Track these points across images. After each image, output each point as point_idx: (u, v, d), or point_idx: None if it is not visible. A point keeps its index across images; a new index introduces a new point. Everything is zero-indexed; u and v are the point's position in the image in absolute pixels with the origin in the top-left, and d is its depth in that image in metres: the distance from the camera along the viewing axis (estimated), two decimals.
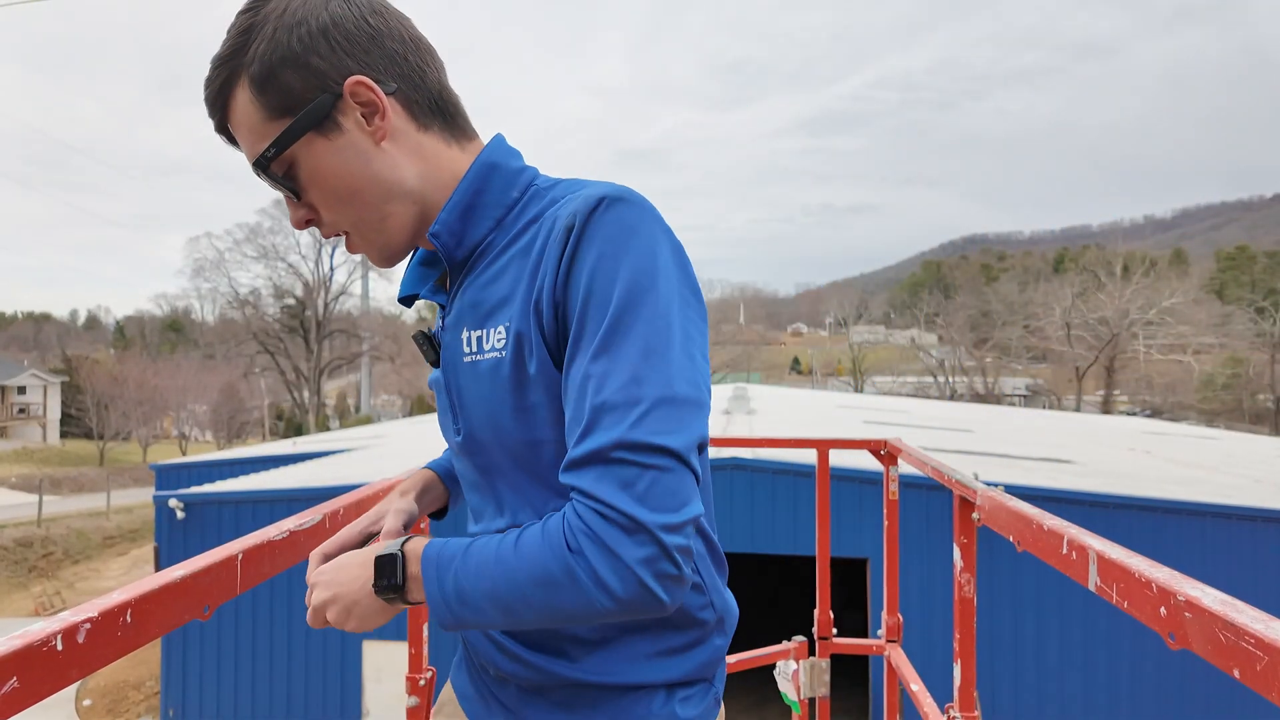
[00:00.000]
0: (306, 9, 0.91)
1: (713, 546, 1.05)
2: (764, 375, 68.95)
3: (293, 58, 0.90)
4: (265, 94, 0.91)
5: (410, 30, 0.97)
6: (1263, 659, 0.71)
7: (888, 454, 2.70)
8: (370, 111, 0.93)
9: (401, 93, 0.95)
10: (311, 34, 0.90)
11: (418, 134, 0.96)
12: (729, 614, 1.07)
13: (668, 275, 0.87)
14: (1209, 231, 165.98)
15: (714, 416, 15.47)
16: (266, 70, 0.90)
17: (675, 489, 0.81)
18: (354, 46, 0.92)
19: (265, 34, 0.91)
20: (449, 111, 1.00)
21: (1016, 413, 28.74)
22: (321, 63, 0.91)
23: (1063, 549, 1.15)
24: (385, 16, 0.94)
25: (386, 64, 0.93)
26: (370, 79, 0.92)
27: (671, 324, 0.85)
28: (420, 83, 0.96)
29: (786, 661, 2.92)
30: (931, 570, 8.81)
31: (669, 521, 0.80)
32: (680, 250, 0.92)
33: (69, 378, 52.06)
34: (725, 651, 1.07)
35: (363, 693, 9.97)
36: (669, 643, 1.00)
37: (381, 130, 0.93)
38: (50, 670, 0.79)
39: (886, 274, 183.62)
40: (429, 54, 0.98)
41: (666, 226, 0.91)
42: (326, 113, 0.91)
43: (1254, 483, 11.21)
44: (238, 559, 1.15)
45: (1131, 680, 8.76)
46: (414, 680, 2.08)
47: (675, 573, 0.81)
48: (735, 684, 10.54)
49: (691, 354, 0.86)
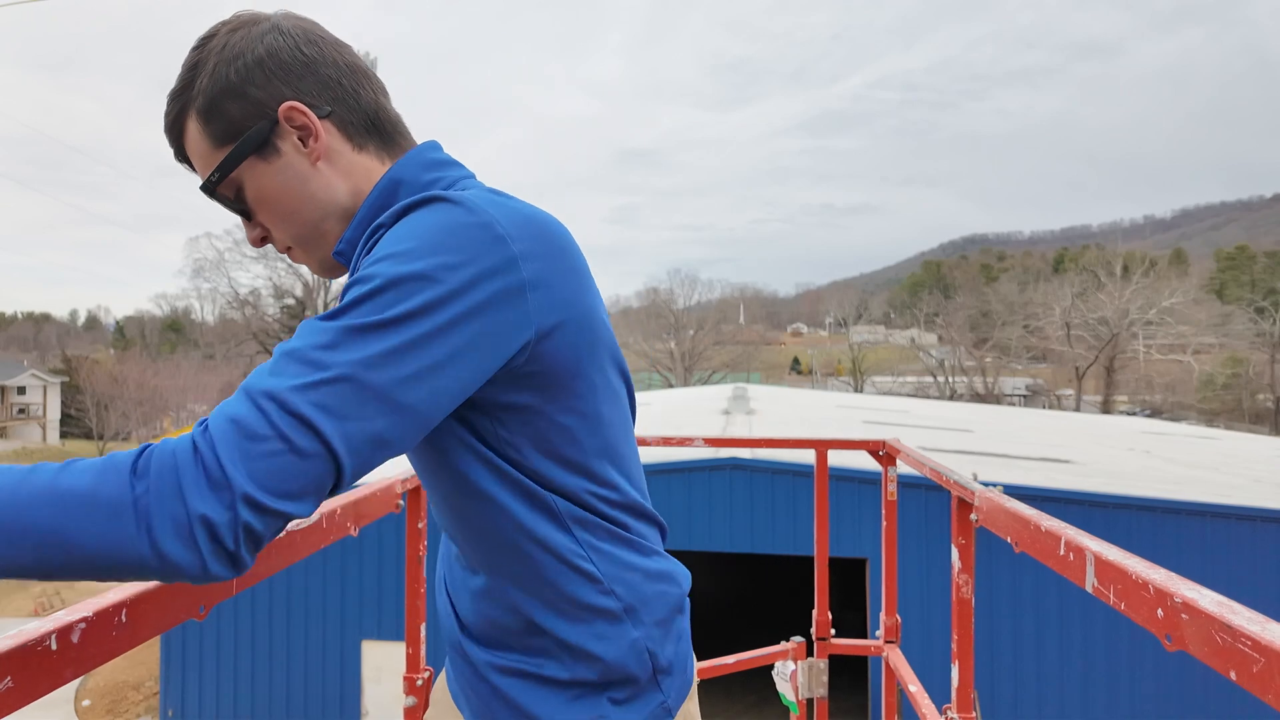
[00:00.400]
0: (244, 43, 0.98)
1: (621, 525, 1.02)
2: (764, 375, 68.96)
3: (232, 89, 0.97)
4: (210, 124, 0.98)
5: (345, 57, 1.03)
6: (1259, 661, 0.71)
7: (886, 454, 2.70)
8: (305, 135, 0.99)
9: (336, 115, 1.00)
10: (248, 66, 0.97)
11: (353, 154, 1.02)
12: (645, 602, 1.02)
13: (442, 278, 0.82)
14: (1209, 231, 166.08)
15: (714, 416, 15.50)
16: (210, 102, 0.98)
17: (297, 474, 0.73)
18: (288, 75, 0.98)
19: (208, 69, 0.98)
20: (386, 130, 1.05)
21: (1016, 413, 28.74)
22: (258, 92, 0.97)
23: (1060, 550, 1.15)
24: (320, 46, 1.01)
25: (320, 90, 0.99)
26: (304, 104, 0.98)
27: (422, 325, 0.80)
28: (355, 105, 1.02)
29: (785, 662, 2.92)
30: (930, 571, 8.81)
31: (261, 501, 0.72)
32: (484, 262, 0.85)
33: (69, 378, 52.04)
34: (655, 644, 1.02)
35: (361, 693, 9.97)
36: (573, 639, 0.99)
37: (316, 152, 0.99)
38: (45, 670, 0.79)
39: (886, 274, 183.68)
40: (365, 77, 1.04)
41: (494, 233, 0.86)
42: (265, 138, 0.98)
43: (1254, 482, 11.21)
44: None
45: (1129, 681, 8.76)
46: (411, 680, 2.08)
47: (230, 549, 0.71)
48: (735, 684, 10.54)
49: (431, 361, 0.80)
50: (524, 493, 0.97)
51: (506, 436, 0.95)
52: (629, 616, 1.01)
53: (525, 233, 0.89)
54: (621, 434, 1.04)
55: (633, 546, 1.03)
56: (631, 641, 1.01)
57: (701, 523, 9.44)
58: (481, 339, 0.84)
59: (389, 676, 9.89)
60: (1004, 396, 56.41)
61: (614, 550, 1.01)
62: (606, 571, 1.00)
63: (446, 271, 0.82)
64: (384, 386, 0.78)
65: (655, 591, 1.04)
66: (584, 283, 0.96)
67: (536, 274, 0.88)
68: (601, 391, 0.99)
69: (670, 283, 69.78)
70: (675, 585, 1.08)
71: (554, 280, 0.90)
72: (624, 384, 1.08)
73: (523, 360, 0.90)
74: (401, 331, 0.79)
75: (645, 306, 70.10)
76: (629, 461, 1.06)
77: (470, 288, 0.83)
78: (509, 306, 0.86)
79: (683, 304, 68.15)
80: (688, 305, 68.41)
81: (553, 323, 0.90)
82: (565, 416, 0.96)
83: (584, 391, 0.96)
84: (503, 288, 0.85)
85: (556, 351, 0.92)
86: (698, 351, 62.54)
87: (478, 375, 0.86)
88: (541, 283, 0.88)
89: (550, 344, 0.91)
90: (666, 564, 1.09)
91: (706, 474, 9.40)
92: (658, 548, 1.09)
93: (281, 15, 1.03)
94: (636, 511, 1.06)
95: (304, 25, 1.02)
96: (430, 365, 0.81)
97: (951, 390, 57.23)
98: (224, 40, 0.98)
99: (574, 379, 0.95)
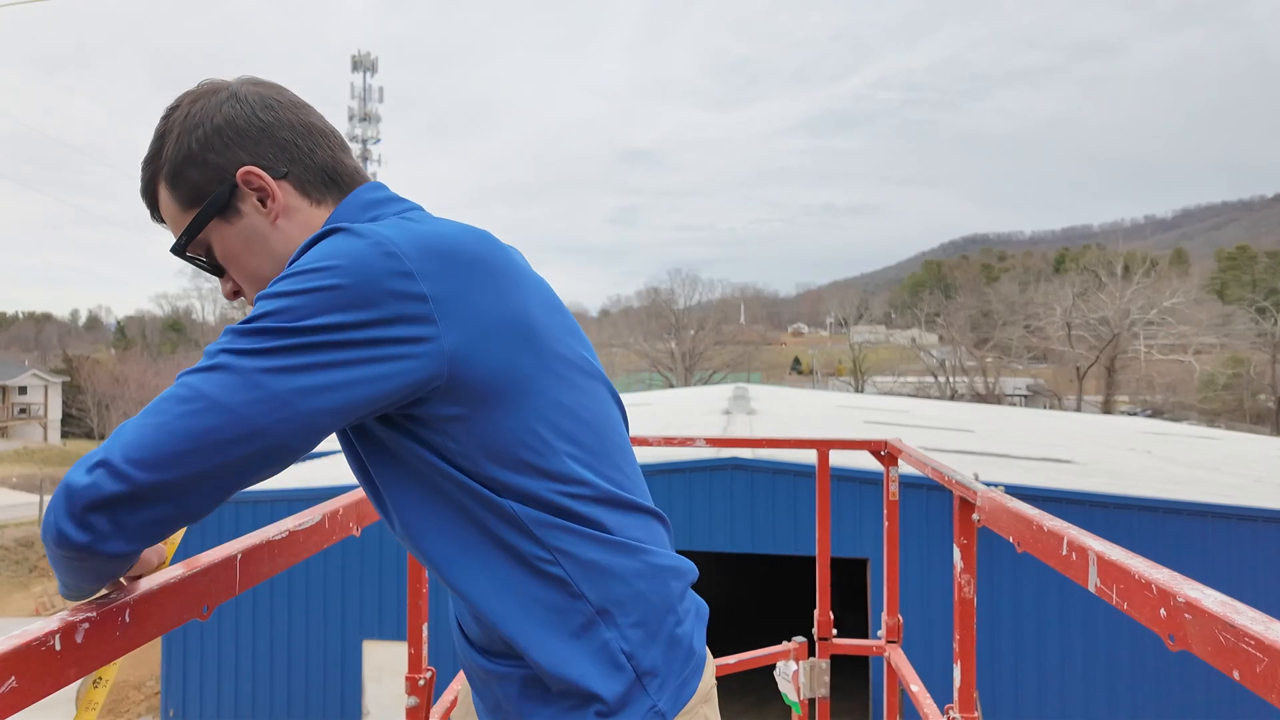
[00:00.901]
0: (204, 113, 1.05)
1: (595, 524, 1.01)
2: (765, 375, 68.89)
3: (193, 156, 1.04)
4: (176, 189, 1.06)
5: (302, 117, 1.09)
6: (1263, 661, 0.71)
7: (888, 454, 2.70)
8: (263, 196, 1.05)
9: (293, 175, 1.07)
10: (208, 134, 1.04)
11: (310, 209, 1.08)
12: (620, 604, 1.00)
13: (323, 299, 0.85)
14: (1210, 231, 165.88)
15: (715, 416, 15.49)
16: (174, 169, 1.05)
17: (154, 444, 0.79)
18: (245, 140, 1.05)
19: (173, 138, 1.05)
20: (344, 182, 1.11)
21: (1017, 413, 28.73)
22: (217, 158, 1.04)
23: (1063, 550, 1.14)
24: (276, 110, 1.07)
25: (276, 152, 1.06)
26: (260, 168, 1.05)
27: (304, 337, 0.84)
28: (310, 163, 1.08)
29: (786, 662, 2.92)
30: (931, 571, 8.81)
31: (112, 463, 0.78)
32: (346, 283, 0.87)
33: (70, 378, 52.12)
34: (636, 646, 1.00)
35: (363, 693, 9.98)
36: (559, 641, 0.99)
37: (274, 211, 1.06)
38: (49, 670, 0.80)
39: (887, 274, 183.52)
40: (321, 135, 1.10)
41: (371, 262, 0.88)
42: (226, 201, 1.05)
43: (1255, 482, 11.21)
44: (237, 559, 1.15)
45: (1131, 681, 8.76)
46: (413, 680, 2.08)
47: (74, 511, 0.79)
48: (736, 684, 10.54)
49: (311, 363, 0.84)
50: (482, 502, 0.97)
51: (458, 448, 0.95)
52: (602, 619, 0.99)
53: (425, 253, 0.90)
54: (591, 427, 1.03)
55: (611, 545, 1.01)
56: (603, 645, 0.99)
57: (702, 523, 9.44)
58: (367, 352, 0.86)
59: (390, 676, 9.90)
60: (1005, 397, 56.37)
61: (585, 551, 0.99)
62: (575, 574, 0.99)
63: (329, 292, 0.85)
64: (256, 375, 0.82)
65: (633, 592, 1.01)
66: (508, 289, 0.96)
67: (438, 292, 0.89)
68: (554, 389, 0.99)
69: (671, 283, 69.77)
70: (665, 583, 1.05)
71: (461, 295, 0.91)
72: (591, 377, 1.07)
73: (439, 377, 0.90)
74: (282, 338, 0.84)
75: (646, 306, 70.09)
76: (605, 455, 1.04)
77: (353, 308, 0.85)
78: (401, 325, 0.87)
79: (683, 304, 68.16)
80: (688, 305, 68.40)
81: (464, 336, 0.91)
82: (512, 421, 0.95)
83: (529, 393, 0.96)
84: (394, 310, 0.87)
85: (480, 362, 0.92)
86: (698, 351, 62.51)
87: (365, 390, 0.86)
88: (444, 300, 0.89)
89: (469, 356, 0.91)
90: (657, 559, 1.05)
91: (708, 474, 9.40)
92: (649, 543, 1.06)
93: (241, 83, 1.09)
94: (617, 505, 1.03)
95: (262, 91, 1.08)
96: (310, 367, 0.84)
97: (952, 390, 57.20)
98: (186, 110, 1.06)
99: (511, 384, 0.95)
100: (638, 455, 1.17)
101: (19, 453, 42.82)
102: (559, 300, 1.10)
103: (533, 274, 1.06)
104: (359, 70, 45.10)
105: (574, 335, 1.08)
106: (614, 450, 1.07)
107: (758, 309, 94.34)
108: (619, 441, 1.09)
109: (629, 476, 1.08)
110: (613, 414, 1.10)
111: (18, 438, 48.91)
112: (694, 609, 1.10)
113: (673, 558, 1.09)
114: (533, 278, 1.05)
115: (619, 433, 1.10)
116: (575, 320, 1.13)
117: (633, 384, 61.12)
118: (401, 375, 0.88)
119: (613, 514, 1.02)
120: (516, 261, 1.03)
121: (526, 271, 1.04)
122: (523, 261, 1.07)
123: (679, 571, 1.09)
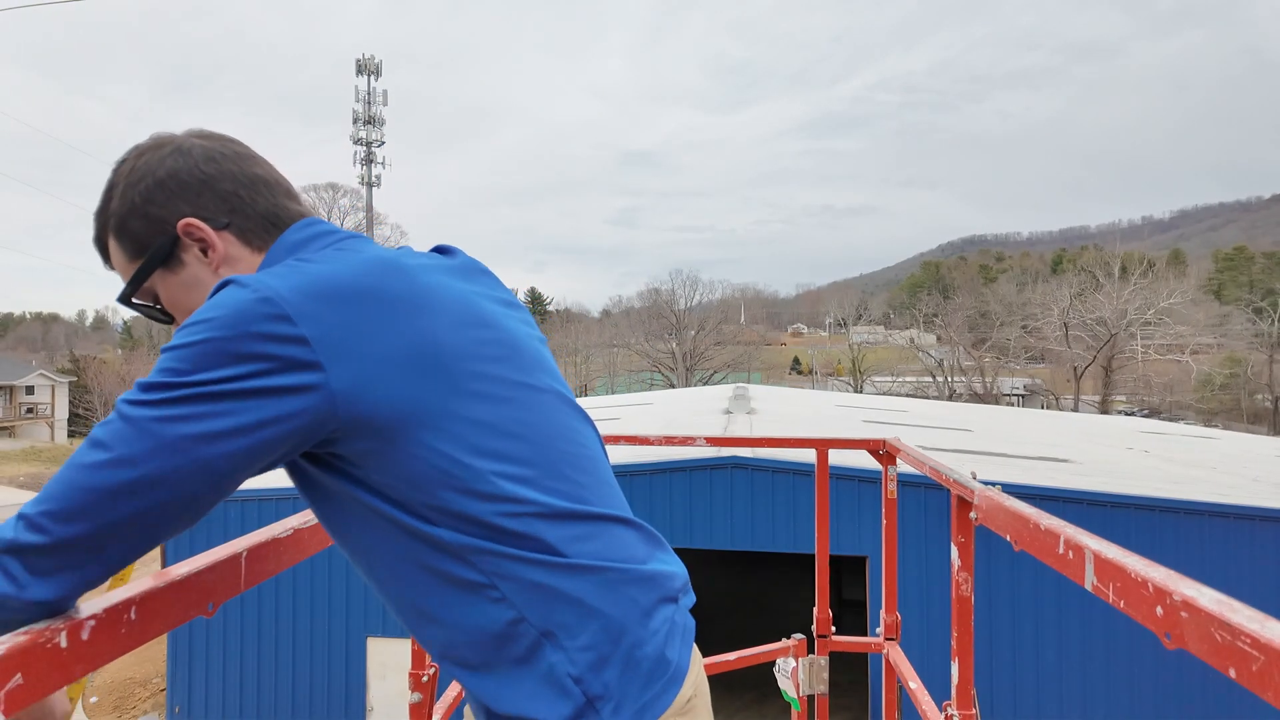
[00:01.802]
0: (149, 167, 1.08)
1: (540, 543, 0.97)
2: (764, 375, 68.83)
3: (136, 209, 1.07)
4: (122, 241, 1.09)
5: (246, 169, 1.11)
6: (1258, 659, 0.72)
7: (886, 453, 2.71)
8: (204, 246, 1.08)
9: (235, 225, 1.09)
10: (150, 188, 1.07)
11: (251, 256, 1.09)
12: (564, 626, 0.97)
13: (206, 352, 0.88)
14: (1207, 232, 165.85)
15: (716, 416, 15.48)
16: (120, 222, 1.08)
17: (62, 495, 0.84)
18: (187, 192, 1.07)
19: (118, 192, 1.09)
20: (284, 230, 1.12)
21: (1014, 412, 28.74)
22: (159, 210, 1.07)
23: (1059, 548, 1.15)
24: (220, 162, 1.10)
25: (217, 203, 1.08)
26: (201, 219, 1.07)
27: (189, 389, 0.87)
28: (252, 213, 1.10)
29: (786, 659, 2.93)
30: (929, 569, 8.82)
31: (27, 513, 0.84)
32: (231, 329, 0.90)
33: (76, 377, 52.13)
34: (586, 669, 0.96)
35: (366, 689, 9.98)
36: (487, 669, 0.99)
37: (215, 261, 1.08)
38: (55, 666, 0.80)
39: (886, 275, 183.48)
40: (264, 185, 1.12)
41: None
42: (169, 251, 1.07)
43: (1252, 482, 11.22)
44: (242, 556, 1.16)
45: (1128, 679, 8.77)
46: (417, 676, 2.09)
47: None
48: (735, 681, 10.54)
49: (194, 413, 0.86)
50: (414, 532, 0.96)
51: (382, 480, 0.95)
52: (549, 642, 0.97)
53: (308, 296, 0.90)
54: (527, 441, 1.00)
55: (557, 565, 0.97)
56: (549, 670, 0.96)
57: (703, 521, 9.44)
58: (251, 401, 0.87)
59: (394, 673, 9.90)
60: (1002, 396, 56.39)
61: (526, 573, 0.96)
62: (517, 598, 0.96)
63: (209, 344, 0.87)
64: (151, 425, 0.85)
65: (584, 612, 0.97)
66: (404, 318, 0.94)
67: (321, 334, 0.89)
68: (471, 409, 0.96)
69: (672, 283, 69.64)
70: (625, 599, 1.00)
71: (349, 333, 0.91)
72: (529, 389, 1.04)
73: (334, 418, 0.90)
74: (171, 390, 0.86)
75: (647, 307, 70.01)
76: (550, 467, 1.01)
77: (232, 358, 0.87)
78: (281, 373, 0.88)
79: (684, 304, 68.08)
80: (689, 306, 68.31)
81: (356, 374, 0.90)
82: (426, 449, 0.94)
83: (439, 418, 0.94)
84: (273, 357, 0.88)
85: (377, 397, 0.91)
86: (699, 352, 62.48)
87: (255, 437, 0.88)
88: (328, 341, 0.89)
89: (363, 393, 0.91)
90: (617, 574, 1.01)
91: (708, 473, 9.40)
92: (610, 556, 1.01)
93: (188, 136, 1.12)
94: (568, 518, 1.00)
95: (207, 144, 1.11)
96: (199, 416, 0.86)
97: (950, 390, 57.20)
98: (132, 165, 1.09)
99: (415, 413, 0.93)
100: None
101: (26, 452, 42.81)
102: (489, 313, 1.06)
103: (451, 293, 1.03)
104: (363, 74, 44.96)
105: (505, 347, 1.04)
106: (562, 460, 1.03)
107: (758, 309, 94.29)
108: (571, 450, 1.05)
109: (586, 486, 1.04)
110: (562, 423, 1.06)
111: (25, 437, 48.89)
112: (668, 621, 1.05)
113: (642, 569, 1.04)
114: (447, 298, 1.01)
115: (572, 441, 1.06)
116: (521, 330, 1.11)
117: (634, 384, 61.08)
118: (289, 420, 0.88)
119: (561, 528, 0.98)
120: (423, 286, 0.99)
121: (438, 293, 1.00)
122: (440, 281, 1.03)
123: (650, 583, 1.04)
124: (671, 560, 1.13)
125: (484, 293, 1.12)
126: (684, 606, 1.11)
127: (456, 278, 1.09)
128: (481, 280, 1.16)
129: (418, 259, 1.07)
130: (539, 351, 1.12)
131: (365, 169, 44.77)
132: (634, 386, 59.26)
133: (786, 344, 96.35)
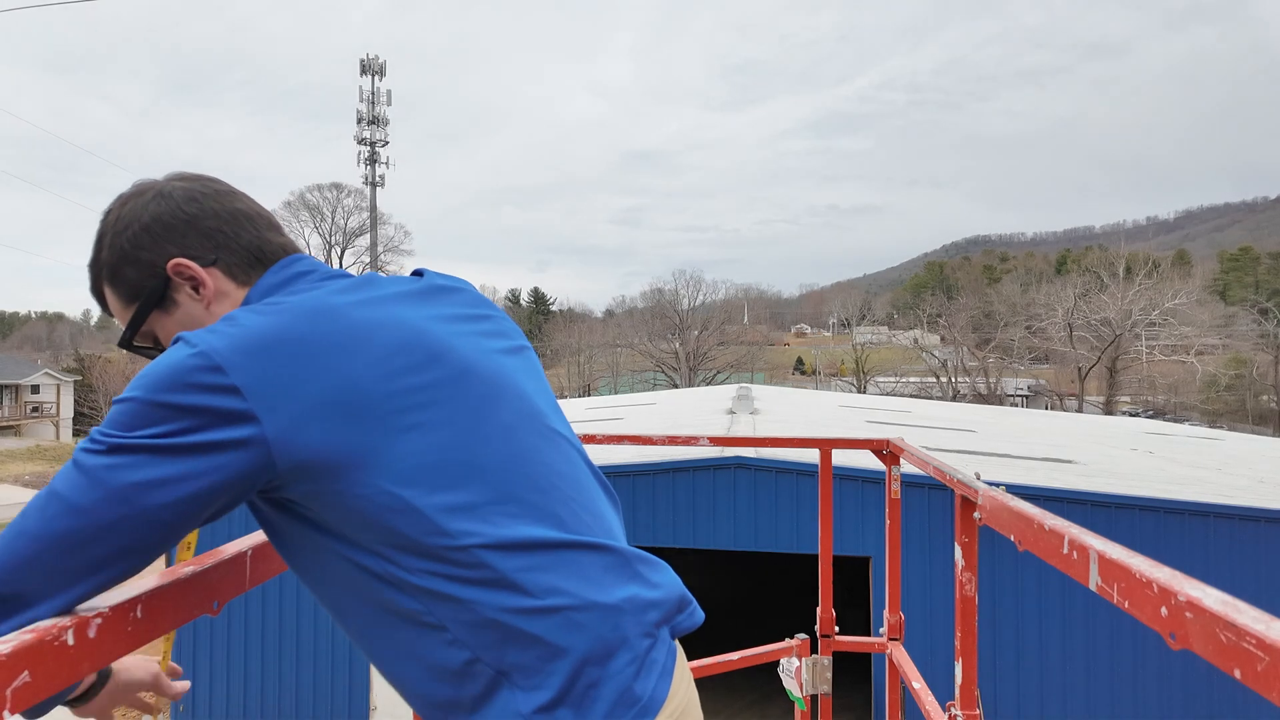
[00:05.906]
0: (133, 213, 1.11)
1: (497, 578, 0.95)
2: (768, 375, 68.72)
3: (126, 256, 1.10)
4: (117, 287, 1.12)
5: (227, 205, 1.14)
6: (1264, 659, 0.71)
7: (890, 454, 2.71)
8: (195, 284, 1.11)
9: (221, 261, 1.12)
10: (136, 234, 1.10)
11: (238, 290, 1.12)
12: (519, 666, 0.94)
13: (145, 411, 0.90)
14: (1212, 233, 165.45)
15: (719, 416, 15.49)
16: (112, 270, 1.12)
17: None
18: (172, 234, 1.10)
19: (107, 241, 1.12)
20: (270, 261, 1.15)
21: (1019, 413, 28.69)
22: (147, 254, 1.10)
23: (1064, 549, 1.15)
24: (201, 201, 1.12)
25: (202, 241, 1.11)
26: (189, 258, 1.10)
27: (130, 439, 0.89)
28: (237, 247, 1.12)
29: (789, 659, 2.93)
30: (933, 569, 8.81)
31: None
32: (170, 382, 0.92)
33: (81, 377, 52.39)
34: (547, 711, 0.94)
35: (370, 688, 10.00)
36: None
37: (207, 297, 1.11)
38: (62, 664, 0.80)
39: (890, 275, 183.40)
40: (246, 219, 1.15)
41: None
42: (162, 293, 1.11)
43: (1257, 483, 11.19)
44: (247, 556, 1.16)
45: (1132, 679, 8.75)
46: None
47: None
48: (738, 680, 10.55)
49: (135, 462, 0.88)
50: (367, 570, 0.96)
51: (332, 518, 0.95)
52: (505, 681, 0.95)
53: (243, 349, 0.92)
54: (477, 470, 0.98)
55: (509, 606, 0.95)
56: (504, 709, 0.94)
57: (706, 521, 9.44)
58: (188, 454, 0.89)
59: None
60: (1006, 397, 56.29)
61: (478, 610, 0.94)
62: (468, 637, 0.95)
63: (148, 399, 0.89)
64: (99, 472, 0.88)
65: (542, 651, 0.94)
66: (335, 363, 0.94)
67: (253, 385, 0.90)
68: (406, 445, 0.94)
69: (675, 283, 69.71)
70: (587, 632, 0.96)
71: (281, 382, 0.91)
72: (483, 419, 1.01)
73: (271, 466, 0.91)
74: (117, 439, 0.88)
75: (651, 307, 70.03)
76: (507, 494, 0.98)
77: (170, 412, 0.89)
78: (216, 427, 0.89)
79: (688, 305, 68.11)
80: (693, 306, 68.35)
81: (288, 420, 0.91)
82: (365, 488, 0.93)
83: (371, 456, 0.93)
84: (207, 409, 0.89)
85: (309, 441, 0.92)
86: (702, 352, 62.48)
87: (195, 485, 0.89)
88: (261, 391, 0.90)
89: (296, 439, 0.91)
90: (581, 606, 0.97)
91: (711, 473, 9.40)
92: (574, 586, 0.97)
93: (168, 180, 1.15)
94: (526, 548, 0.97)
95: (187, 185, 1.14)
96: (142, 465, 0.88)
97: (954, 390, 57.12)
98: (117, 214, 1.12)
99: (347, 455, 0.93)
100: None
101: (31, 450, 43.01)
102: (434, 338, 1.03)
103: (390, 323, 1.01)
104: (367, 74, 44.92)
105: (447, 370, 1.01)
106: (517, 484, 1.00)
107: (761, 310, 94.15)
108: (529, 471, 1.02)
109: (545, 509, 1.00)
110: (520, 443, 1.03)
111: (30, 436, 49.10)
112: (637, 654, 0.99)
113: (605, 601, 0.99)
114: (381, 332, 0.99)
115: (531, 461, 1.03)
116: (477, 346, 1.08)
117: (637, 384, 61.06)
118: (226, 469, 0.90)
119: (513, 559, 0.95)
120: (354, 324, 0.98)
121: (372, 329, 0.99)
122: (379, 315, 1.01)
123: (616, 614, 0.99)
124: (653, 583, 1.07)
125: (439, 314, 1.08)
126: (663, 635, 1.05)
127: (410, 304, 1.07)
128: (441, 300, 1.13)
129: (363, 293, 1.04)
130: (499, 367, 1.08)
131: (369, 169, 44.77)
132: (637, 386, 59.25)
133: (790, 344, 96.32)
